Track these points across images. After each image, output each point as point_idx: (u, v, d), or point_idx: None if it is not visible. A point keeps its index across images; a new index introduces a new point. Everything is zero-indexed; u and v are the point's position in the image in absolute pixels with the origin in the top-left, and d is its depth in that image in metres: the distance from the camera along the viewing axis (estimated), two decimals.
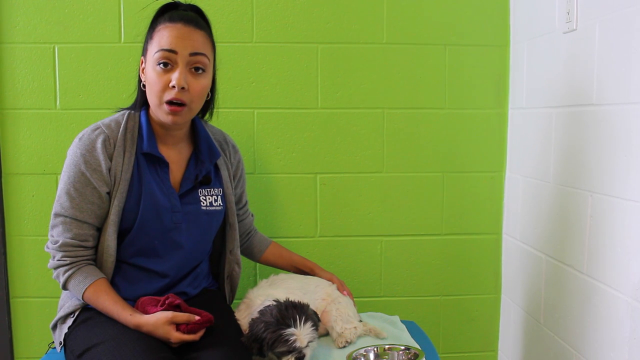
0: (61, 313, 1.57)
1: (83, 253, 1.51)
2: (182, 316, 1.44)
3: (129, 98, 2.02)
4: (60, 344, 1.55)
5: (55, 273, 1.53)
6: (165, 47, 1.47)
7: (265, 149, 2.13)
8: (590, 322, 1.64)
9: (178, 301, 1.49)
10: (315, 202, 2.17)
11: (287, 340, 1.45)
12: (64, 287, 1.52)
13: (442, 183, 2.20)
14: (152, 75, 1.50)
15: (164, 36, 1.48)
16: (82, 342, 1.44)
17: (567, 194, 1.77)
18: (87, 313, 1.53)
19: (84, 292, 1.48)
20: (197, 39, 1.51)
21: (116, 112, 1.63)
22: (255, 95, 2.09)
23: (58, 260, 1.50)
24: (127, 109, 1.62)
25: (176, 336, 1.42)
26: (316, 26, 2.10)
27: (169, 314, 1.43)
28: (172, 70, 1.48)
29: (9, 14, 2.01)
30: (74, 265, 1.50)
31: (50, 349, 1.73)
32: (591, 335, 1.63)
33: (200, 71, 1.52)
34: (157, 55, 1.48)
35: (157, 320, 1.43)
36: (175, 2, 1.57)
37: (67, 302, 1.57)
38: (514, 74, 2.15)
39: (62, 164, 2.03)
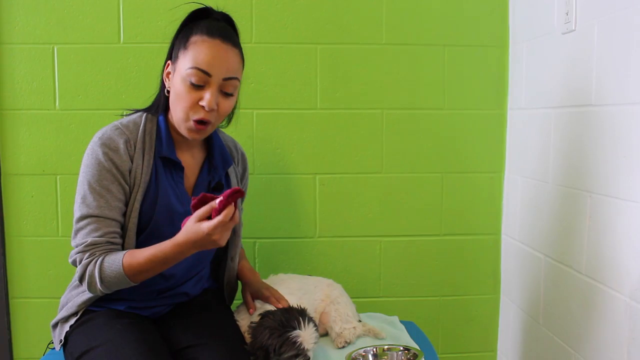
0: (63, 313, 1.55)
1: (110, 247, 1.45)
2: (203, 210, 1.34)
3: (129, 98, 2.04)
4: (60, 342, 1.54)
5: (88, 273, 1.41)
6: (201, 67, 1.43)
7: (264, 149, 2.13)
8: (589, 322, 1.64)
9: (194, 201, 1.37)
10: (315, 202, 2.17)
11: (295, 343, 1.44)
12: (101, 278, 1.40)
13: (441, 183, 2.20)
14: (181, 88, 1.46)
15: (201, 53, 1.44)
16: (81, 345, 1.44)
17: (566, 194, 1.77)
18: (89, 314, 1.52)
19: (122, 261, 1.39)
20: (232, 61, 1.47)
21: (131, 112, 1.59)
22: (254, 95, 2.09)
23: (86, 259, 1.41)
24: (144, 110, 1.58)
25: (206, 226, 1.32)
26: (315, 27, 2.10)
27: (192, 217, 1.35)
28: (203, 89, 1.45)
29: (9, 14, 2.01)
30: (100, 256, 1.42)
31: (50, 349, 1.73)
32: (590, 335, 1.63)
33: (229, 93, 1.50)
34: (190, 72, 1.44)
35: (186, 227, 1.36)
36: (207, 8, 1.53)
37: (71, 300, 1.56)
38: (513, 74, 2.15)
39: (61, 165, 2.06)
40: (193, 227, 1.35)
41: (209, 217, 1.34)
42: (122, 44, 2.05)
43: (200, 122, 1.48)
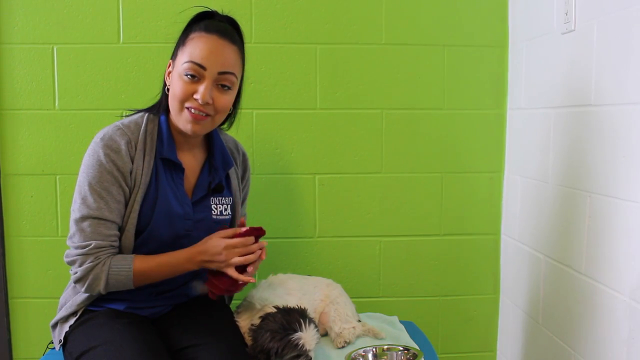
0: (63, 312, 1.56)
1: (112, 251, 1.47)
2: (228, 231, 1.49)
3: (128, 98, 2.04)
4: (60, 342, 1.54)
5: (92, 276, 1.43)
6: (196, 61, 1.45)
7: (264, 149, 2.13)
8: (588, 322, 1.64)
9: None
10: (314, 202, 2.17)
11: (297, 345, 1.44)
12: (107, 281, 1.43)
13: (440, 183, 2.20)
14: (177, 83, 1.47)
15: (197, 47, 1.45)
16: (80, 345, 1.44)
17: (566, 194, 1.77)
18: (89, 314, 1.52)
19: (133, 266, 1.44)
20: (228, 55, 1.48)
21: (133, 112, 1.59)
22: (254, 95, 2.09)
23: (90, 262, 1.42)
24: (146, 110, 1.58)
25: (226, 241, 1.46)
26: (315, 27, 2.10)
27: (217, 232, 1.49)
28: (198, 82, 1.46)
29: (8, 14, 2.01)
30: (106, 259, 1.44)
31: (49, 349, 1.73)
32: (590, 335, 1.63)
33: (226, 88, 1.50)
34: (186, 65, 1.45)
35: (207, 239, 1.48)
36: (212, 12, 1.54)
37: (70, 300, 1.56)
38: (513, 74, 2.15)
39: (61, 165, 2.05)
40: (214, 240, 1.47)
41: None
42: (122, 44, 2.05)
43: (196, 113, 1.48)
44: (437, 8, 2.13)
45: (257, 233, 1.51)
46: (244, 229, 1.49)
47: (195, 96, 1.46)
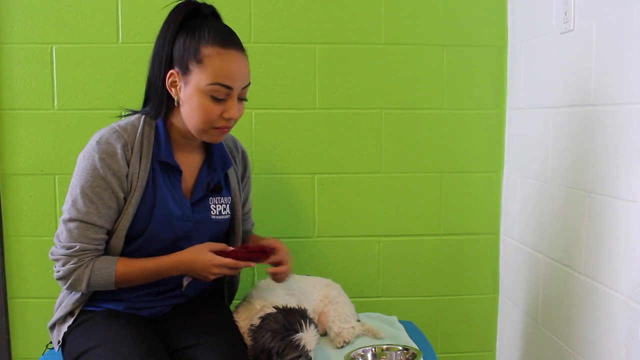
0: (59, 313, 1.55)
1: (96, 254, 1.48)
2: (217, 245, 1.51)
3: (127, 98, 2.04)
4: (59, 342, 1.54)
5: (74, 277, 1.45)
6: (224, 83, 1.44)
7: (263, 149, 2.13)
8: (588, 322, 1.64)
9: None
10: (313, 202, 2.17)
11: (298, 346, 1.45)
12: (89, 282, 1.45)
13: (440, 183, 2.20)
14: (200, 102, 1.45)
15: (221, 68, 1.43)
16: (79, 345, 1.44)
17: (565, 194, 1.77)
18: (86, 314, 1.52)
19: (115, 270, 1.46)
20: (247, 69, 1.50)
21: (130, 113, 1.58)
22: (253, 95, 2.06)
23: (73, 264, 1.44)
24: (142, 112, 1.56)
25: (218, 258, 1.47)
26: (314, 26, 2.10)
27: (206, 244, 1.50)
28: (224, 101, 1.46)
29: (7, 14, 2.01)
30: (90, 261, 1.46)
31: (48, 349, 1.73)
32: (589, 335, 1.64)
33: (245, 98, 1.53)
34: (213, 87, 1.43)
35: (195, 247, 1.49)
36: (196, 4, 1.51)
37: (65, 299, 1.56)
38: (512, 74, 2.15)
39: (60, 165, 2.05)
40: (202, 251, 1.47)
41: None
42: (121, 44, 2.05)
43: (225, 129, 1.51)
44: (436, 8, 2.13)
45: (257, 257, 1.53)
46: (230, 249, 1.52)
47: (224, 115, 1.47)
